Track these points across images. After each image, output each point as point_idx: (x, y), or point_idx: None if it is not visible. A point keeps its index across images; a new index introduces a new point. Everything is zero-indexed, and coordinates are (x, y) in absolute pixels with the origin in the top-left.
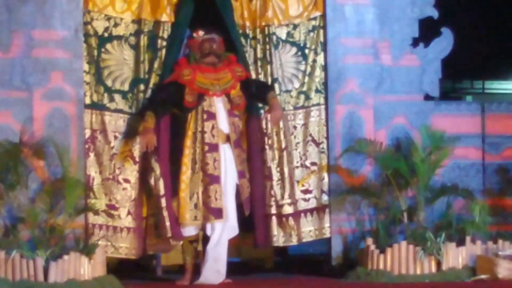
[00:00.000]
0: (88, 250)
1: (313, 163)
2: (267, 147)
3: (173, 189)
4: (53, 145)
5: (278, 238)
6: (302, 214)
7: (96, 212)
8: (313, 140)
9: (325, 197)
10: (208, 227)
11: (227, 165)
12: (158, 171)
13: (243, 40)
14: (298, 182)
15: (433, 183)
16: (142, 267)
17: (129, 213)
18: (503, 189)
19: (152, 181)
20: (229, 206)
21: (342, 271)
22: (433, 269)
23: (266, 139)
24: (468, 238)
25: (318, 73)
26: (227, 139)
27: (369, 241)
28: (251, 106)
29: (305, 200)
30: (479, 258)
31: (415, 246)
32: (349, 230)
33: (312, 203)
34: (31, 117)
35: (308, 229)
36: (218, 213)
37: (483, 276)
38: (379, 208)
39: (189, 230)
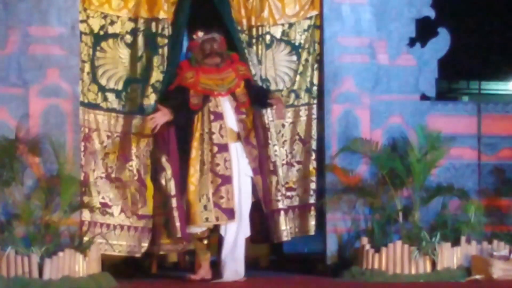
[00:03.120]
0: (83, 247)
1: (298, 162)
2: (270, 142)
3: (182, 190)
4: (48, 142)
5: (284, 233)
6: (290, 211)
7: (91, 210)
8: (300, 139)
9: (311, 196)
10: (222, 228)
11: (240, 163)
12: (169, 171)
13: (242, 37)
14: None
15: (429, 183)
16: (137, 265)
17: (122, 211)
18: (499, 189)
19: (163, 181)
20: (243, 206)
21: (337, 270)
22: (428, 269)
23: (269, 134)
24: (463, 238)
25: (310, 72)
26: (238, 137)
27: (364, 240)
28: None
29: (288, 197)
30: (474, 258)
31: (410, 245)
32: (344, 230)
33: (295, 201)
34: (27, 114)
35: (288, 227)
36: (231, 214)
37: (477, 276)
38: (375, 207)
39: (194, 228)
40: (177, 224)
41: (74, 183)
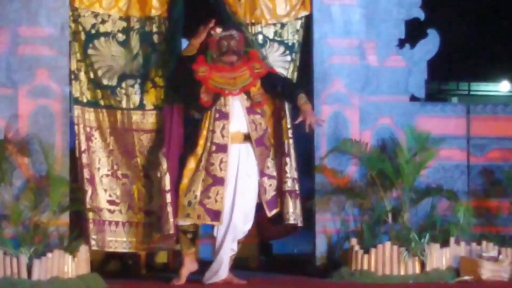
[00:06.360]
0: (72, 248)
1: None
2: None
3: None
4: (38, 143)
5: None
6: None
7: (98, 209)
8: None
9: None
10: (215, 229)
11: (241, 165)
12: (165, 166)
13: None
14: None
15: (418, 184)
16: (126, 266)
17: (129, 207)
18: (488, 190)
19: (158, 175)
20: (236, 208)
21: (326, 271)
22: (417, 270)
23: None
24: (452, 239)
25: (294, 73)
26: (245, 138)
27: (354, 241)
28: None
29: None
30: (463, 259)
31: (399, 246)
32: (333, 230)
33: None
34: (16, 114)
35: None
36: (216, 216)
37: (466, 277)
38: (364, 208)
39: (179, 221)
40: (171, 219)
41: (63, 184)
